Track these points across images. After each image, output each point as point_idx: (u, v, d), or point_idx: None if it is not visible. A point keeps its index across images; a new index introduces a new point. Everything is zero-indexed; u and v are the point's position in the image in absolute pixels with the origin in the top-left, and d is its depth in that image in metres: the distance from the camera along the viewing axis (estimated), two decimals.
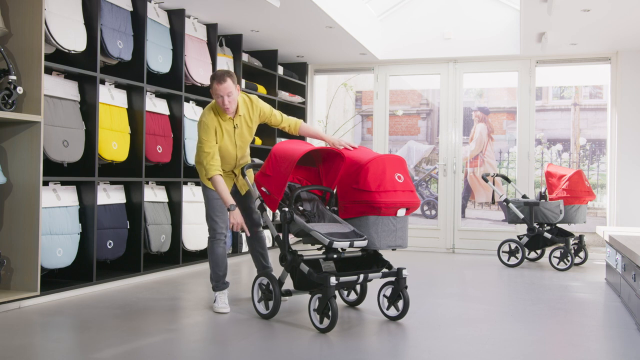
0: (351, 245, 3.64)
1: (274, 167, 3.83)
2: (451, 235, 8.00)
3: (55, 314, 4.06)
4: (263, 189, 3.91)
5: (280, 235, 3.90)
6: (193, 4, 5.73)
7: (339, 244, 3.58)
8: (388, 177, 3.73)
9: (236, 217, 3.95)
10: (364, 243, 3.68)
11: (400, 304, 3.93)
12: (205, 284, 5.41)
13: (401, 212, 3.76)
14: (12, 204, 4.24)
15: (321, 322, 3.63)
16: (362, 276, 3.75)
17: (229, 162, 4.23)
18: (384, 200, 3.67)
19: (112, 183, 5.13)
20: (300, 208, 4.06)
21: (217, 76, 3.97)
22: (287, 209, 3.79)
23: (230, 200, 3.97)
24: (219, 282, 4.34)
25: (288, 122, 4.37)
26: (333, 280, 3.55)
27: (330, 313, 3.56)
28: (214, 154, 4.03)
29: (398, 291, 3.91)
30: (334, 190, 4.03)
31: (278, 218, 3.90)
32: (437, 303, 4.70)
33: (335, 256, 3.80)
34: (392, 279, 3.92)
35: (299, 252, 3.88)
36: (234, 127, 4.13)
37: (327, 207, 4.03)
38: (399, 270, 3.89)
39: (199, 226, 6.05)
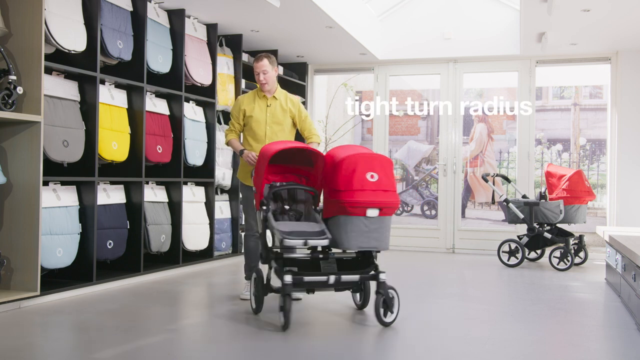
0: (305, 244, 3.62)
1: (257, 167, 4.01)
2: (451, 235, 8.00)
3: (55, 314, 4.06)
4: (253, 188, 4.10)
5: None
6: (193, 4, 5.73)
7: (289, 242, 3.57)
8: (358, 176, 3.64)
9: (248, 155, 4.38)
10: (320, 242, 3.62)
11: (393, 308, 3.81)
12: (205, 284, 5.42)
13: (372, 212, 3.64)
14: (12, 204, 4.23)
15: (284, 327, 3.61)
16: (332, 278, 3.69)
17: (259, 138, 4.54)
18: (349, 200, 3.61)
19: (112, 183, 5.12)
20: (287, 207, 4.05)
21: (256, 56, 4.58)
22: (265, 207, 3.88)
23: (240, 147, 4.55)
24: (248, 271, 4.61)
25: (311, 140, 4.60)
26: (288, 278, 3.57)
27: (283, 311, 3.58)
28: (235, 130, 4.65)
29: (382, 296, 3.75)
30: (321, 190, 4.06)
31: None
32: (437, 303, 4.70)
33: (323, 256, 3.84)
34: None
35: (274, 249, 3.87)
36: (267, 106, 4.58)
37: (314, 207, 4.04)
38: (377, 273, 3.77)
39: (198, 226, 6.05)
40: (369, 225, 3.66)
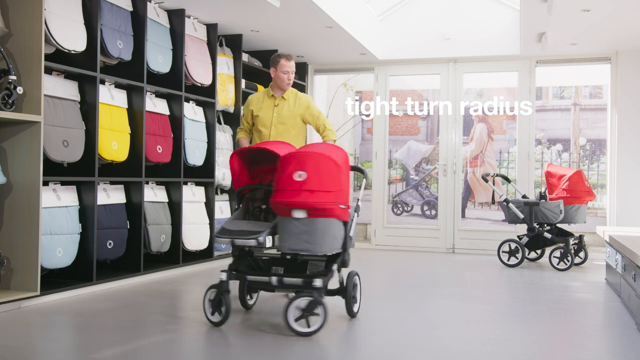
0: (232, 243, 3.63)
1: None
2: (451, 235, 8.00)
3: (55, 314, 4.06)
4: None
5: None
6: (193, 4, 5.72)
7: (219, 239, 3.67)
8: (286, 175, 3.50)
9: None
10: (246, 242, 3.57)
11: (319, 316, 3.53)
12: (205, 284, 5.41)
13: (298, 213, 3.46)
14: (12, 204, 4.23)
15: (212, 314, 3.72)
16: (274, 279, 3.64)
17: (265, 138, 4.62)
18: (275, 200, 3.53)
19: (112, 183, 5.12)
20: (263, 207, 4.05)
21: (286, 54, 4.64)
22: (236, 207, 4.01)
23: (246, 146, 4.54)
24: None
25: (325, 136, 4.64)
26: (223, 276, 3.69)
27: (222, 308, 3.65)
28: (245, 128, 4.77)
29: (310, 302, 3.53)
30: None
31: None
32: (437, 303, 4.70)
33: (288, 257, 3.88)
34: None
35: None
36: (275, 106, 4.64)
37: None
38: (313, 278, 3.55)
39: (199, 226, 6.05)
40: (300, 227, 3.49)
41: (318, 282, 3.52)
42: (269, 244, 3.61)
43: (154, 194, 5.53)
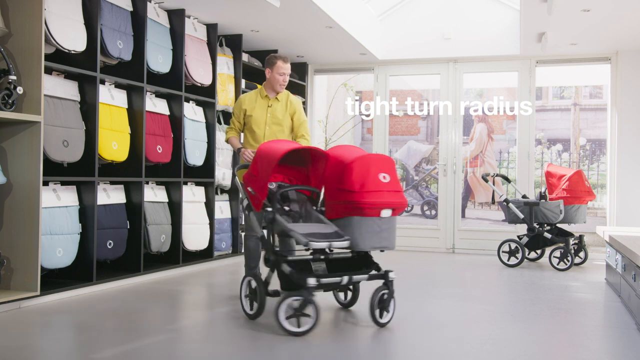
0: (330, 247, 3.60)
1: (259, 167, 3.85)
2: (451, 235, 8.00)
3: (55, 314, 4.06)
4: (249, 189, 3.92)
5: (264, 235, 3.92)
6: (193, 4, 5.72)
7: (316, 245, 3.53)
8: (372, 176, 3.67)
9: (244, 152, 4.40)
10: (343, 244, 3.61)
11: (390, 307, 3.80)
12: (205, 284, 5.42)
13: (386, 212, 3.67)
14: (12, 204, 4.23)
15: (299, 325, 3.52)
16: (346, 278, 3.66)
17: (258, 138, 4.56)
18: (366, 201, 3.61)
19: (112, 183, 5.12)
20: (287, 208, 3.99)
21: (282, 56, 4.59)
22: (270, 209, 3.79)
23: (239, 145, 4.60)
24: (248, 272, 4.59)
25: (299, 140, 4.57)
26: (312, 281, 3.47)
27: (314, 313, 3.49)
28: (235, 127, 4.69)
29: (387, 295, 3.76)
30: (322, 191, 4.00)
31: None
32: (437, 303, 4.70)
33: (322, 257, 3.79)
34: (381, 282, 3.80)
35: (283, 253, 3.84)
36: (268, 106, 4.60)
37: (315, 208, 3.99)
38: (386, 272, 3.78)
39: (199, 226, 6.05)
40: (381, 226, 3.67)
41: (393, 274, 3.77)
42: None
43: (154, 194, 5.53)
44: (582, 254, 6.67)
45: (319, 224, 3.80)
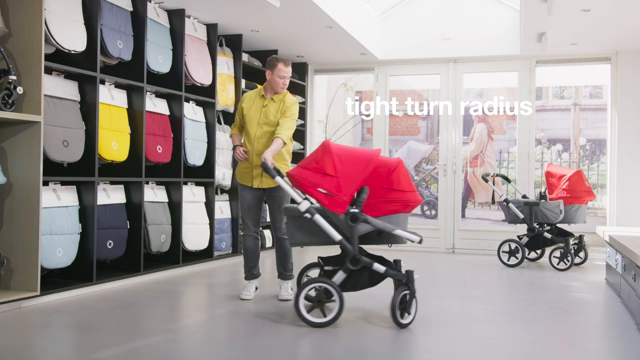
0: (420, 242, 3.85)
1: (339, 168, 3.69)
2: (451, 235, 8.00)
3: (55, 314, 4.06)
4: (321, 190, 3.69)
5: (342, 238, 3.81)
6: (193, 4, 5.73)
7: (418, 239, 3.81)
8: (407, 179, 3.95)
9: (237, 150, 4.48)
10: (417, 238, 3.85)
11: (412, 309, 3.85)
12: (205, 284, 5.42)
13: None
14: (12, 204, 4.23)
15: (402, 316, 3.78)
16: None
17: (250, 137, 4.56)
18: (414, 199, 3.90)
19: (112, 183, 5.12)
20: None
21: (284, 59, 4.55)
22: (357, 210, 3.72)
23: (237, 142, 4.66)
24: (247, 272, 4.66)
25: (277, 134, 4.39)
26: (416, 275, 3.84)
27: (414, 309, 3.82)
28: (237, 125, 4.73)
29: (409, 295, 3.83)
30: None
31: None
32: (437, 303, 4.70)
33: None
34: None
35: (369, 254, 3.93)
36: (263, 106, 4.58)
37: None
38: (408, 272, 3.87)
39: (198, 226, 6.05)
40: (406, 221, 4.05)
41: (416, 274, 3.95)
42: None
43: (154, 194, 5.53)
44: (582, 254, 6.67)
45: (383, 221, 3.87)
